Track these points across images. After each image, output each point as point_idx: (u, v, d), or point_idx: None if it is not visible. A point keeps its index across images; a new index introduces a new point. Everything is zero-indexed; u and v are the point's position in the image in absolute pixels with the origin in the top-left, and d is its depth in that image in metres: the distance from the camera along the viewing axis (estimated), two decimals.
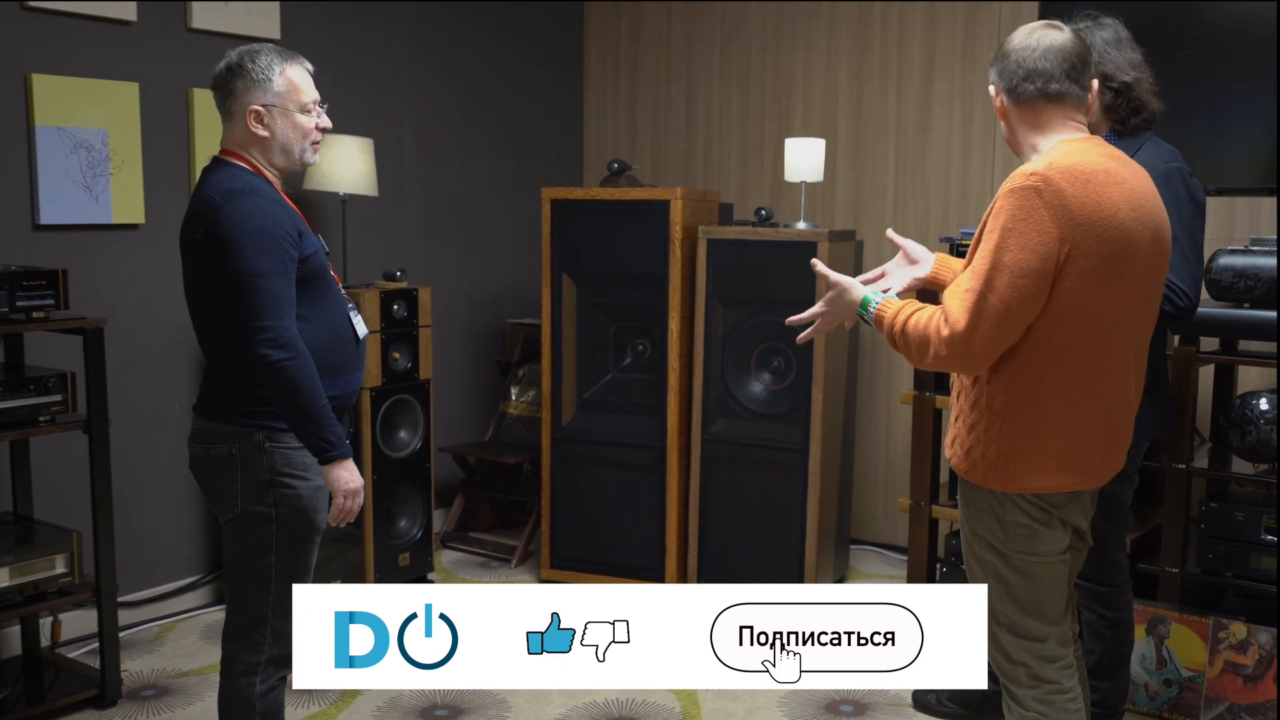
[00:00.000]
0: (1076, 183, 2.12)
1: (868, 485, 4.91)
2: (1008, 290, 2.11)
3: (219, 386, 2.50)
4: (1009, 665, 2.36)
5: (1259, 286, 3.26)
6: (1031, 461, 2.24)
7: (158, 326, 3.96)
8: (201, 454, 2.52)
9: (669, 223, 4.14)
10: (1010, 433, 2.23)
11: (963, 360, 2.18)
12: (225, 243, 2.35)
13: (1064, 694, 2.33)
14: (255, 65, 2.46)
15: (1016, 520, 2.28)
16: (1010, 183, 2.16)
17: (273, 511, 2.47)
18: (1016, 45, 2.27)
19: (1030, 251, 2.10)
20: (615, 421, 4.37)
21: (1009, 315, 2.12)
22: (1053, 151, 2.21)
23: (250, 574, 2.50)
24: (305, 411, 2.39)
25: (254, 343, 2.34)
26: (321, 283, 2.52)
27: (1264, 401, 3.31)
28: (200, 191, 2.46)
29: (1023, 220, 2.11)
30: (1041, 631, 2.33)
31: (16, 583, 3.17)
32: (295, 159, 2.53)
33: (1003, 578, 2.32)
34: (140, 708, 3.37)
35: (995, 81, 2.31)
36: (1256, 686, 3.24)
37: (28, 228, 3.62)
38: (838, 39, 4.87)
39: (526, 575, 4.58)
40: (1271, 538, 3.29)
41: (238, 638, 2.53)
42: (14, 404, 3.16)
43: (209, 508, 4.13)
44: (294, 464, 2.47)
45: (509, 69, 5.23)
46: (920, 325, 2.21)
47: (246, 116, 2.46)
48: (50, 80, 3.61)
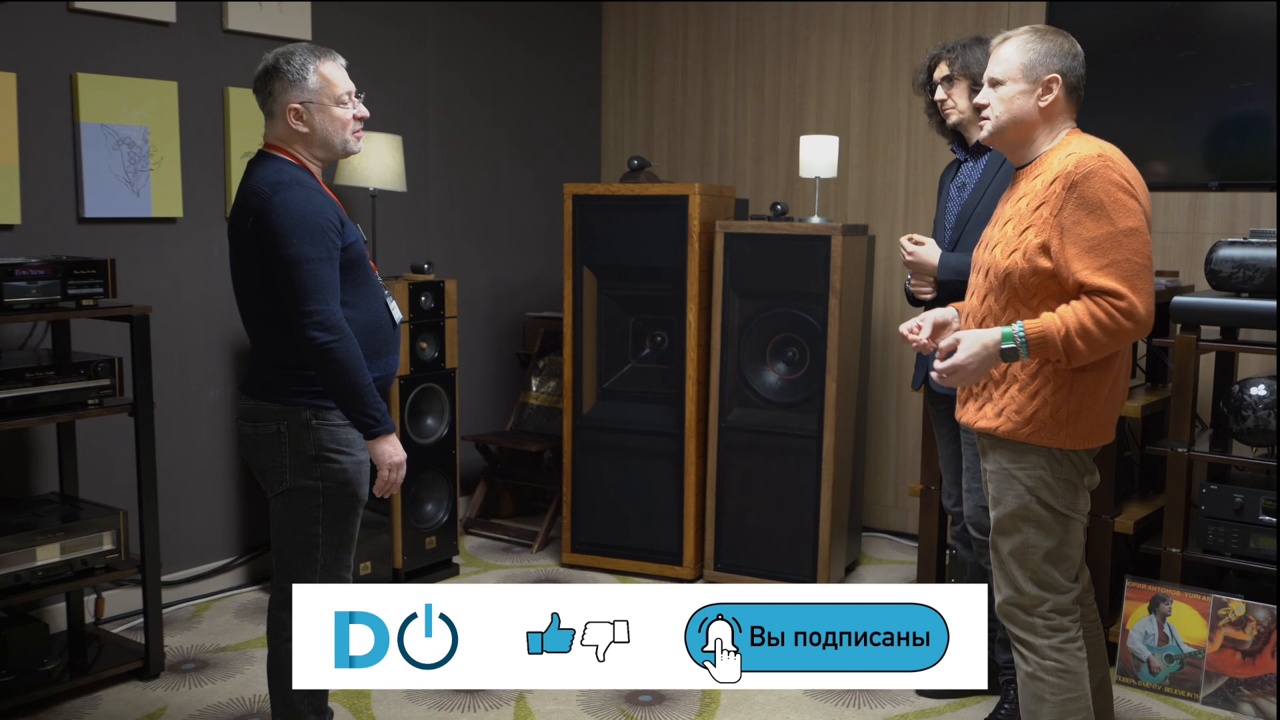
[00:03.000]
0: (1124, 161, 2.44)
1: (879, 473, 5.05)
2: (1145, 248, 2.39)
3: (267, 367, 2.64)
4: (1028, 618, 2.55)
5: (1257, 277, 3.39)
6: (1097, 416, 2.49)
7: (195, 316, 4.11)
8: (251, 432, 2.66)
9: (687, 217, 4.28)
10: (1082, 391, 2.45)
11: (1145, 326, 2.38)
12: (274, 232, 2.50)
13: (1074, 642, 2.55)
14: (290, 66, 2.60)
15: (1067, 478, 2.51)
16: (1081, 167, 2.39)
17: (320, 485, 2.61)
18: (1074, 48, 2.54)
19: (1136, 214, 2.39)
20: (634, 410, 4.51)
21: (1151, 270, 2.40)
22: (1081, 139, 2.50)
23: (298, 544, 2.64)
24: (351, 390, 2.53)
25: (302, 326, 2.48)
26: (361, 270, 2.66)
27: (1262, 388, 3.44)
28: (249, 184, 2.60)
29: (1118, 190, 2.38)
30: (1065, 585, 2.54)
31: (67, 558, 3.32)
32: (338, 149, 2.67)
33: (1047, 532, 2.52)
34: (182, 679, 3.51)
35: (1058, 71, 2.50)
36: (1255, 661, 3.37)
37: (73, 220, 3.77)
38: (850, 40, 5.01)
39: (548, 560, 4.72)
40: (1269, 518, 3.42)
41: (286, 606, 2.64)
42: (65, 387, 3.31)
43: (251, 487, 4.30)
44: (339, 440, 2.61)
45: (529, 69, 5.38)
46: (1091, 317, 2.35)
47: (287, 114, 2.61)
48: (94, 79, 3.76)
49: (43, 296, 3.23)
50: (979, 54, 3.19)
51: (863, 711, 3.36)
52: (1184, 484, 3.53)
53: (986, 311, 2.55)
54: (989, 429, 2.55)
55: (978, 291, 2.60)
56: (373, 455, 2.61)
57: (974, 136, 3.27)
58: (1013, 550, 2.55)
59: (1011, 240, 2.49)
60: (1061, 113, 2.53)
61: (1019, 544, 2.54)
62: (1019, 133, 2.54)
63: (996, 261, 2.51)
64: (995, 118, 2.55)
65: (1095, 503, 3.57)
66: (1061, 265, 2.40)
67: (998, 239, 2.55)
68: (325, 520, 2.63)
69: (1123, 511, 3.66)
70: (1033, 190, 2.49)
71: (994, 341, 2.42)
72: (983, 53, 3.17)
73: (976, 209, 3.21)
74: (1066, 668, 2.52)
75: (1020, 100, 2.51)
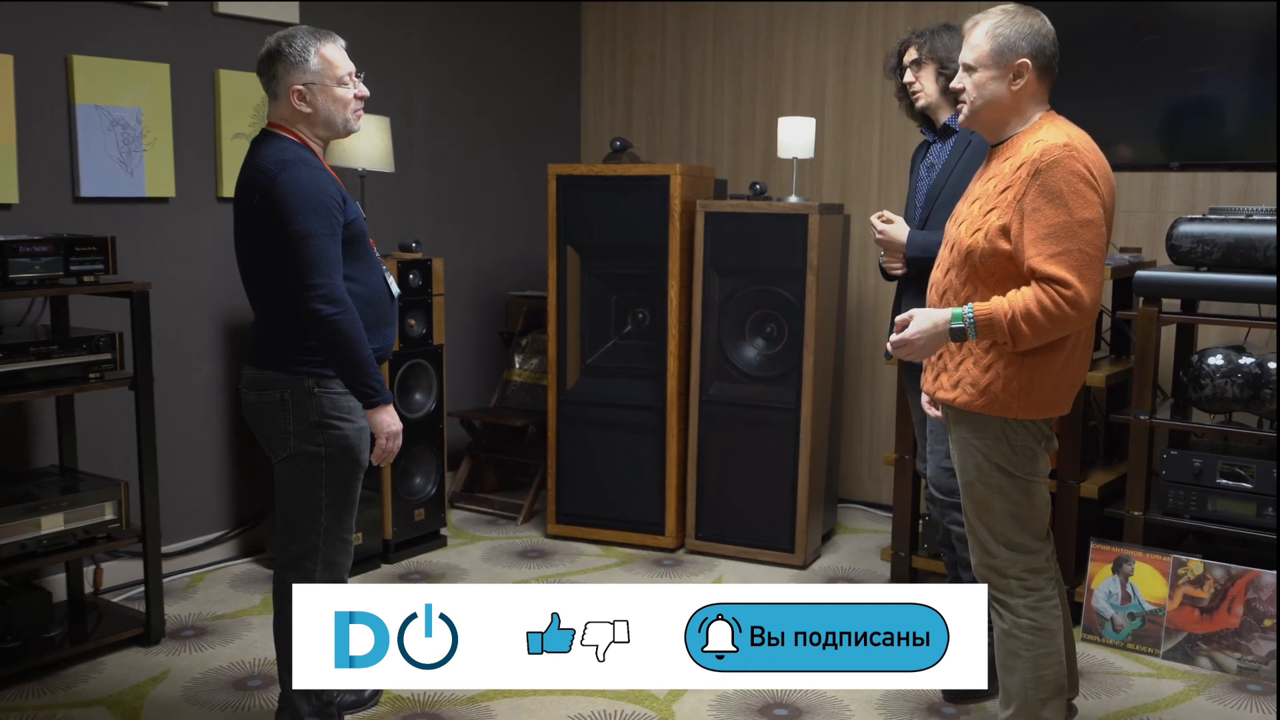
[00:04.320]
0: (1091, 150, 2.51)
1: (854, 446, 5.20)
2: (1098, 239, 2.46)
3: (270, 338, 2.75)
4: (1002, 580, 2.68)
5: (1215, 252, 3.55)
6: (1048, 392, 2.58)
7: (187, 293, 4.20)
8: (256, 400, 2.77)
9: (669, 197, 4.41)
10: (1033, 365, 2.55)
11: (1089, 314, 2.47)
12: (279, 208, 2.60)
13: (1049, 600, 2.68)
14: (292, 48, 2.69)
15: (1025, 444, 2.61)
16: (1046, 155, 2.46)
17: (322, 450, 2.73)
18: (1045, 27, 2.59)
19: (1093, 204, 2.46)
20: (617, 385, 4.64)
21: (1102, 261, 2.47)
22: (1052, 125, 2.57)
23: (302, 508, 2.76)
24: (352, 361, 2.64)
25: (307, 299, 2.59)
26: (361, 246, 2.77)
27: (1219, 358, 3.60)
28: (254, 161, 2.70)
29: (1077, 180, 2.45)
30: (1035, 545, 2.67)
31: (70, 528, 3.41)
32: (339, 128, 2.77)
33: (1010, 497, 2.64)
34: (182, 645, 3.62)
35: (1031, 56, 2.55)
36: (1212, 618, 3.54)
37: (69, 200, 3.85)
38: (825, 24, 5.14)
39: (533, 531, 4.84)
40: (1226, 482, 3.59)
41: (290, 567, 2.78)
42: (68, 361, 3.40)
43: (244, 460, 4.39)
44: (340, 407, 2.73)
45: (511, 53, 5.48)
46: (1037, 303, 2.43)
47: (290, 95, 2.70)
48: (89, 61, 3.84)
49: (45, 273, 3.32)
50: (946, 39, 3.34)
51: None
52: (1146, 450, 3.69)
53: (948, 285, 2.66)
54: (948, 400, 2.67)
55: (943, 264, 2.70)
56: (371, 424, 2.72)
57: (941, 119, 3.42)
58: (979, 516, 2.68)
59: (976, 219, 2.58)
60: (1034, 94, 2.59)
61: (984, 510, 2.66)
62: (993, 115, 2.62)
63: (961, 238, 2.61)
64: (970, 103, 2.62)
65: (1062, 469, 3.74)
66: (1018, 250, 2.49)
67: (965, 216, 2.64)
68: (328, 485, 2.75)
69: (1088, 477, 3.82)
70: (1001, 172, 2.57)
71: (944, 320, 2.54)
72: (950, 38, 3.33)
73: (944, 188, 3.36)
74: (1041, 625, 2.65)
75: (992, 85, 2.58)
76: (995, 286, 2.55)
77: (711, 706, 3.25)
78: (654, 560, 4.50)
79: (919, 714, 3.22)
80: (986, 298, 2.54)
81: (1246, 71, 4.11)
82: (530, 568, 4.39)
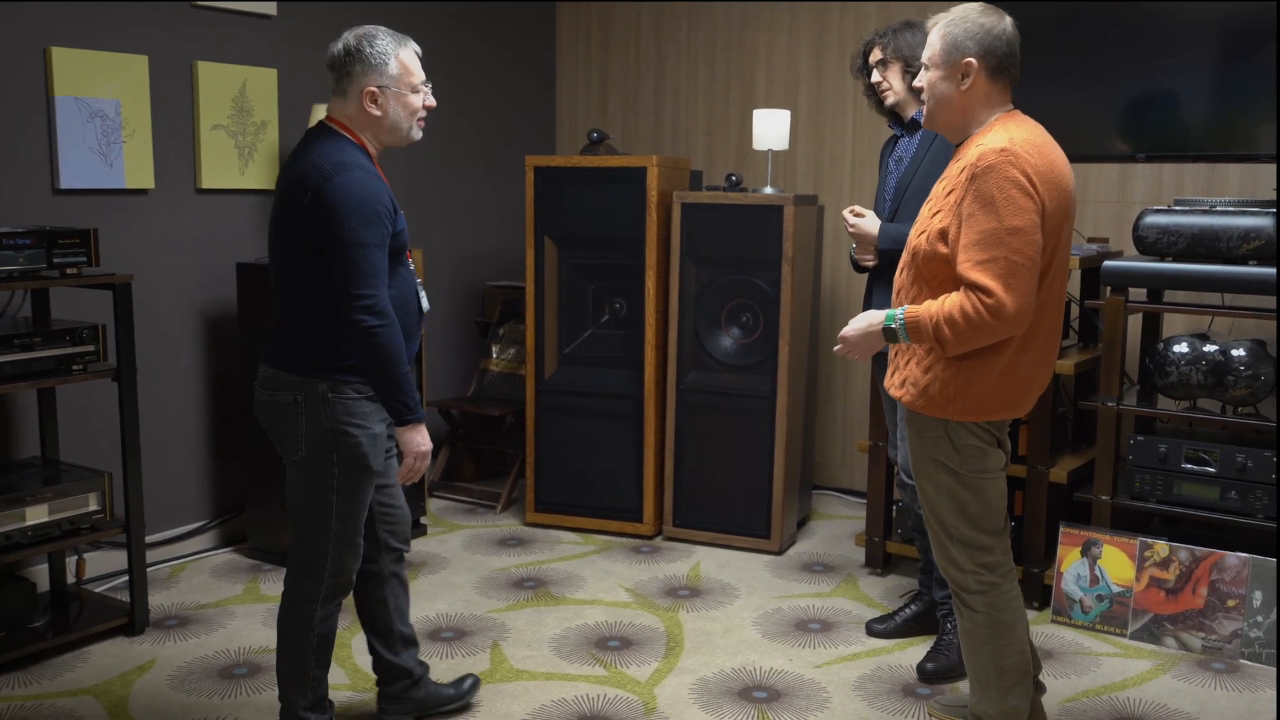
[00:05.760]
0: (1035, 153, 2.46)
1: (828, 433, 5.28)
2: (1027, 247, 2.41)
3: (289, 338, 2.68)
4: (960, 574, 2.71)
5: (1180, 242, 3.64)
6: (987, 396, 2.56)
7: (166, 285, 4.22)
8: (268, 400, 2.70)
9: (646, 188, 4.46)
10: (970, 372, 2.54)
11: (1013, 323, 2.42)
12: (332, 212, 2.52)
13: (1004, 595, 2.71)
14: (373, 49, 2.65)
15: (969, 443, 2.61)
16: (982, 160, 2.44)
17: (334, 456, 2.66)
18: (1002, 28, 2.55)
19: (1026, 211, 2.41)
20: (594, 374, 4.69)
21: (1034, 269, 2.42)
22: (1002, 127, 2.52)
23: (313, 513, 2.71)
24: (390, 376, 2.58)
25: (351, 309, 2.52)
26: (400, 257, 2.71)
27: (1184, 345, 3.70)
28: (308, 158, 2.60)
29: (1011, 187, 2.41)
30: (988, 541, 2.68)
31: (55, 518, 3.43)
32: (403, 135, 2.73)
33: (956, 496, 2.65)
34: (167, 634, 3.65)
35: (977, 55, 2.53)
36: (1177, 599, 3.64)
37: (48, 191, 3.85)
38: (799, 18, 5.20)
39: (511, 520, 4.89)
40: (1190, 466, 3.68)
41: (301, 568, 2.75)
42: (52, 353, 3.41)
43: (223, 452, 4.41)
44: (354, 413, 2.66)
45: (486, 45, 5.50)
46: (959, 309, 2.43)
47: (362, 97, 2.64)
48: (68, 53, 3.84)
49: (28, 265, 3.33)
50: (909, 36, 3.42)
51: (817, 651, 3.58)
52: (1113, 436, 3.78)
53: (901, 284, 2.69)
54: (896, 398, 2.71)
55: (901, 264, 2.72)
56: (400, 442, 2.67)
57: (909, 114, 3.49)
58: (932, 512, 2.70)
59: (924, 221, 2.60)
60: (987, 95, 2.56)
61: (935, 507, 2.68)
62: (946, 116, 2.61)
63: (911, 239, 2.64)
64: (925, 102, 2.64)
65: (1031, 454, 3.83)
66: (953, 254, 2.48)
67: (919, 217, 2.66)
68: (340, 490, 2.69)
69: (1057, 463, 3.91)
70: (949, 175, 2.58)
71: (878, 321, 2.59)
72: (913, 35, 3.40)
73: (912, 181, 3.44)
74: (998, 620, 2.68)
75: (942, 86, 2.57)
76: (937, 289, 2.55)
77: (692, 689, 3.31)
78: (632, 547, 4.56)
79: (895, 695, 3.30)
80: (933, 298, 2.55)
81: (1210, 65, 4.21)
82: (510, 555, 4.44)
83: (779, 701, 3.25)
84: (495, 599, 3.99)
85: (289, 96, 4.56)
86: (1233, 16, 4.14)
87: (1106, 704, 3.26)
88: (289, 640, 2.79)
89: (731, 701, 3.24)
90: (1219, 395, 3.66)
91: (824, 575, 4.27)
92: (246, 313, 4.21)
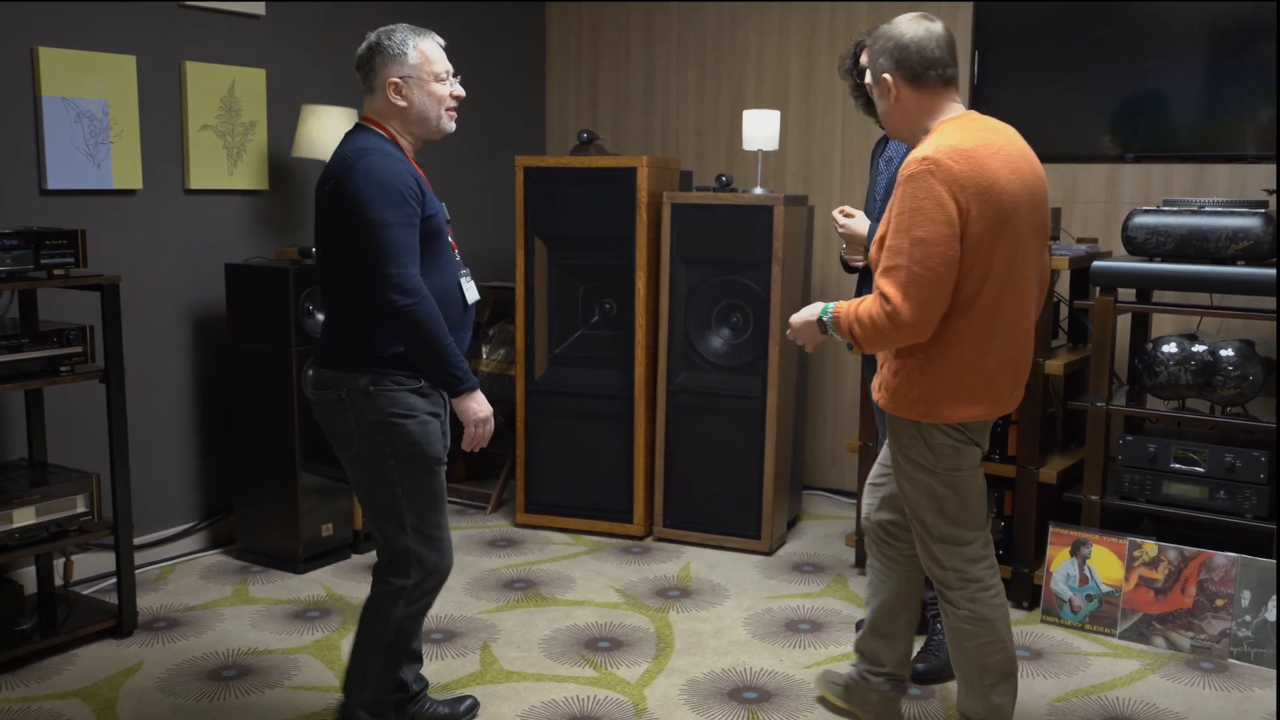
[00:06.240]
0: (961, 159, 2.46)
1: (818, 434, 5.28)
2: (930, 259, 2.44)
3: (335, 334, 2.69)
4: (942, 572, 2.73)
5: (1169, 242, 3.65)
6: (949, 397, 2.59)
7: (154, 285, 4.20)
8: (317, 400, 2.70)
9: (636, 188, 4.46)
10: (929, 374, 2.58)
11: (910, 331, 2.49)
12: (354, 196, 2.54)
13: (988, 590, 2.72)
14: (391, 41, 2.68)
15: (942, 442, 2.65)
16: (907, 169, 2.49)
17: (388, 449, 2.63)
18: (911, 36, 2.57)
19: (937, 222, 2.44)
20: (584, 375, 4.69)
21: (936, 280, 2.45)
22: (937, 134, 2.55)
23: (385, 508, 2.68)
24: (433, 351, 2.56)
25: (382, 289, 2.52)
26: (437, 243, 2.69)
27: (1173, 345, 3.70)
28: (338, 151, 2.67)
29: (924, 198, 2.44)
30: (968, 537, 2.70)
31: (42, 520, 3.41)
32: (433, 125, 2.73)
33: (935, 494, 2.68)
34: (155, 636, 3.63)
35: (891, 70, 2.58)
36: (1166, 598, 3.65)
37: (35, 192, 3.84)
38: (789, 18, 5.20)
39: (502, 520, 4.89)
40: (1179, 466, 3.69)
41: (387, 567, 2.73)
42: (40, 354, 3.40)
43: (212, 453, 4.40)
44: (400, 404, 2.62)
45: (476, 44, 5.50)
46: (867, 312, 2.53)
47: (387, 89, 2.67)
48: (55, 53, 3.83)
49: (16, 266, 3.32)
50: None
51: (807, 652, 3.58)
52: (1102, 436, 3.79)
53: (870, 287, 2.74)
54: (875, 400, 2.76)
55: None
56: (458, 412, 2.65)
57: None
58: (913, 511, 2.73)
59: (880, 227, 2.64)
60: (918, 103, 2.59)
61: (915, 505, 2.72)
62: (895, 130, 2.69)
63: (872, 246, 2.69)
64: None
65: (1021, 454, 3.84)
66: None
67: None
68: (403, 483, 2.66)
69: (1046, 463, 3.92)
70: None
71: (815, 312, 2.68)
72: None
73: None
74: (979, 616, 2.70)
75: (880, 104, 2.67)
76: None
77: (682, 690, 3.31)
78: (622, 548, 4.56)
79: None
80: None
81: (1199, 66, 4.22)
82: (500, 556, 4.44)
83: (769, 702, 3.25)
84: (485, 600, 3.98)
85: (278, 97, 4.55)
86: (1221, 17, 4.15)
87: (1096, 703, 3.26)
88: (364, 630, 2.77)
89: (721, 702, 3.24)
90: (1207, 395, 3.67)
91: (814, 575, 4.27)
92: (235, 314, 4.20)
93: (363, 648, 2.77)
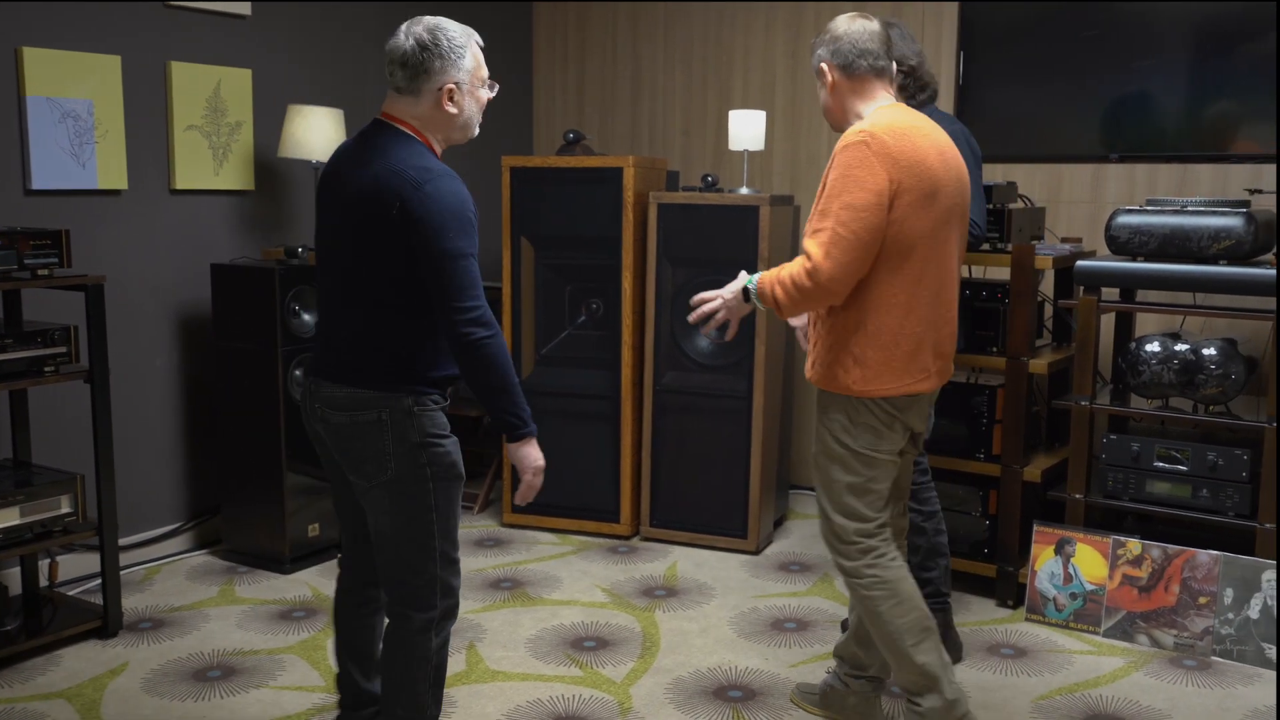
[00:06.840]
0: (895, 136, 2.61)
1: (804, 433, 5.29)
2: (854, 223, 2.57)
3: (371, 353, 2.49)
4: (843, 545, 2.83)
5: (1152, 242, 3.67)
6: (881, 367, 2.70)
7: (139, 285, 4.20)
8: (348, 421, 2.50)
9: (622, 189, 4.46)
10: (859, 346, 2.70)
11: (826, 289, 2.60)
12: (426, 224, 2.36)
13: (885, 555, 2.81)
14: (450, 43, 2.47)
15: (866, 421, 2.76)
16: (844, 140, 2.63)
17: (428, 471, 2.50)
18: (846, 30, 2.75)
19: (867, 190, 2.57)
20: (571, 375, 4.69)
21: (858, 244, 2.57)
22: (873, 115, 2.71)
23: (414, 536, 2.53)
24: (501, 388, 2.43)
25: (456, 322, 2.38)
26: None
27: (1156, 344, 3.72)
28: (388, 163, 2.42)
29: (857, 167, 2.58)
30: (870, 514, 2.80)
31: (26, 521, 3.41)
32: (470, 134, 2.60)
33: (848, 466, 2.79)
34: (140, 637, 3.63)
35: (828, 60, 2.76)
36: (1149, 596, 3.67)
37: (20, 192, 3.83)
38: (775, 18, 5.22)
39: (489, 520, 4.89)
40: (1163, 464, 3.71)
41: (407, 600, 2.56)
42: (24, 355, 3.39)
43: (197, 453, 4.38)
44: (438, 424, 2.51)
45: None
46: (789, 274, 2.65)
47: (440, 95, 2.46)
48: (40, 53, 3.82)
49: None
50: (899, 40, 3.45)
51: (793, 651, 3.59)
52: (1086, 435, 3.81)
53: None
54: (809, 379, 2.85)
55: None
56: (513, 458, 2.53)
57: None
58: (820, 483, 2.85)
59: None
60: (851, 90, 2.75)
61: (825, 479, 2.83)
62: (830, 118, 2.82)
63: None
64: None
65: (1005, 453, 3.85)
66: None
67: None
68: (439, 506, 2.54)
69: (1031, 462, 3.94)
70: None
71: (739, 285, 2.78)
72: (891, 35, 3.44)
73: None
74: (882, 579, 2.78)
75: (821, 95, 2.83)
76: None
77: (668, 689, 3.32)
78: (609, 548, 4.56)
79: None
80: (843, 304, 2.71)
81: (1184, 67, 4.24)
82: (486, 556, 4.44)
83: (754, 701, 3.25)
84: (472, 600, 3.99)
85: (264, 97, 4.54)
86: (1207, 18, 4.18)
87: (1080, 701, 3.28)
88: (399, 678, 2.60)
89: (707, 701, 3.25)
90: (1190, 394, 3.69)
91: (800, 575, 4.28)
92: (221, 314, 4.20)
93: (406, 698, 2.60)
